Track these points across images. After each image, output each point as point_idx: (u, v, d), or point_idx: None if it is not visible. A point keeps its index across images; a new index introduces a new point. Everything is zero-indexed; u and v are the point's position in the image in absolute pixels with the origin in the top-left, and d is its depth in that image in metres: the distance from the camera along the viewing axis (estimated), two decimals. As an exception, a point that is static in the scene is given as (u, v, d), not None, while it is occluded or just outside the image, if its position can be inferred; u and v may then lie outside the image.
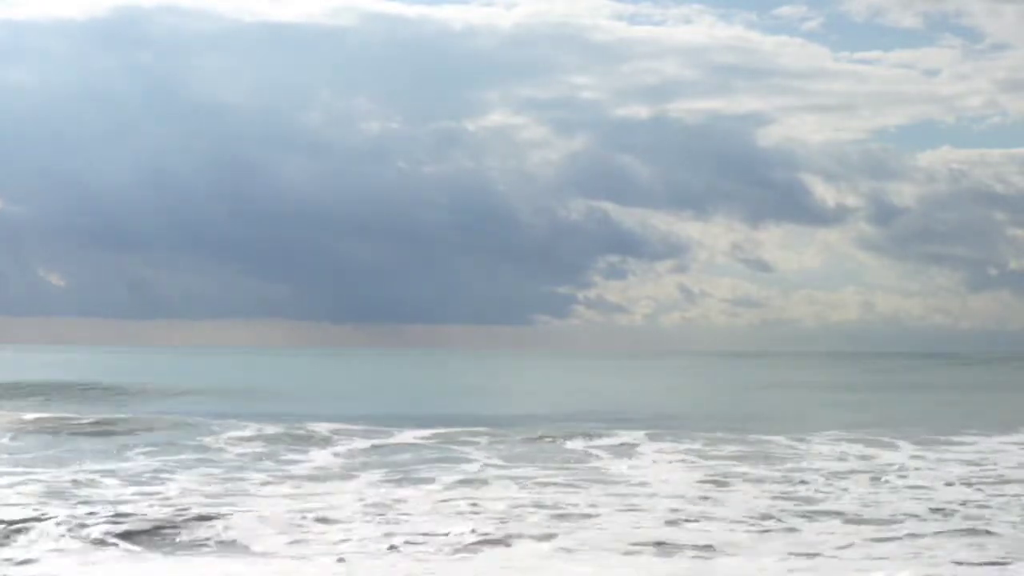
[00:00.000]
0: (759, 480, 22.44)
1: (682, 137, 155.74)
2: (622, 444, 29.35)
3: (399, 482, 21.81)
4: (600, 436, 30.98)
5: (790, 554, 15.27)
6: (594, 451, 27.69)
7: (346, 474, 23.15)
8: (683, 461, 25.62)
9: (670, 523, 17.38)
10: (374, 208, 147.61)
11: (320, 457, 26.02)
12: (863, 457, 26.68)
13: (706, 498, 19.90)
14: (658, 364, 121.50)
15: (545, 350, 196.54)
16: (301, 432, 30.90)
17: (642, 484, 21.59)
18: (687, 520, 17.65)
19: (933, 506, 19.22)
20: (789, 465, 24.81)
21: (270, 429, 31.46)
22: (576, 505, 18.86)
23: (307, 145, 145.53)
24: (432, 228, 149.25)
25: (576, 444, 29.40)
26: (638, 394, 59.80)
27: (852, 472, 23.70)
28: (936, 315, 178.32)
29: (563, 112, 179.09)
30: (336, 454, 26.80)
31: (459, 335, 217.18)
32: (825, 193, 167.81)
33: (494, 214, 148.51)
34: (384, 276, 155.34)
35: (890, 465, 25.00)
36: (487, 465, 24.67)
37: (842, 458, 26.37)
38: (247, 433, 30.79)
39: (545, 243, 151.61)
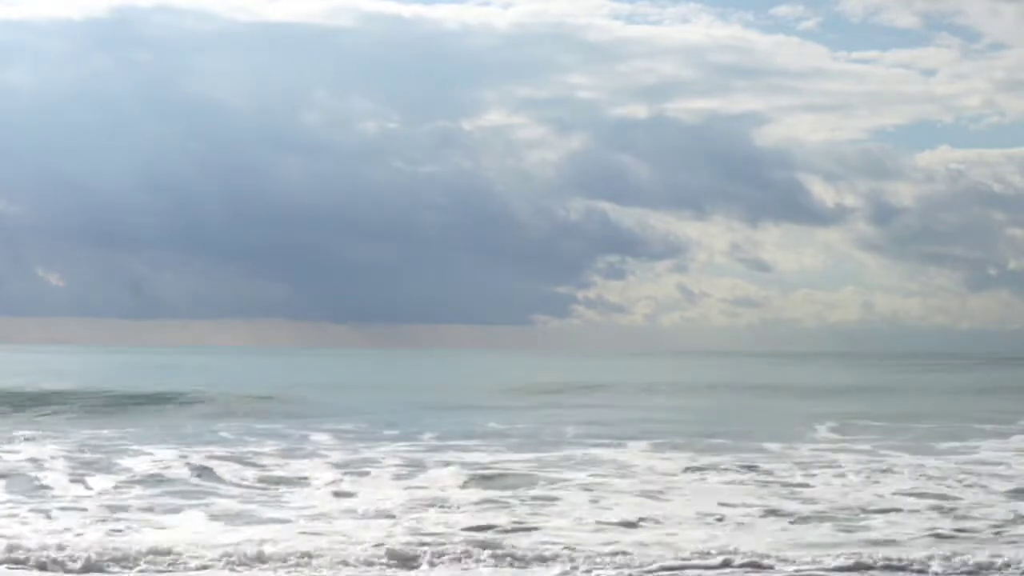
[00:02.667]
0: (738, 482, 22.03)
1: (680, 137, 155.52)
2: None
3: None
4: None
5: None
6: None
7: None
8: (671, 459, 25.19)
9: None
10: (372, 208, 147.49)
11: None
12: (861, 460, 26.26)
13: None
14: (660, 364, 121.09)
15: (545, 350, 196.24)
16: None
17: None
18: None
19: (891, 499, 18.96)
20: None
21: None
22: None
23: (304, 145, 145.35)
24: (431, 228, 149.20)
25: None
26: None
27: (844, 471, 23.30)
28: (936, 315, 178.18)
29: (561, 112, 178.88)
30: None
31: (459, 335, 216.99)
32: (824, 193, 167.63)
33: (493, 214, 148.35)
34: (384, 276, 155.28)
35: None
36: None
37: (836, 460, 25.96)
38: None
39: (544, 243, 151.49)
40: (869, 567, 14.63)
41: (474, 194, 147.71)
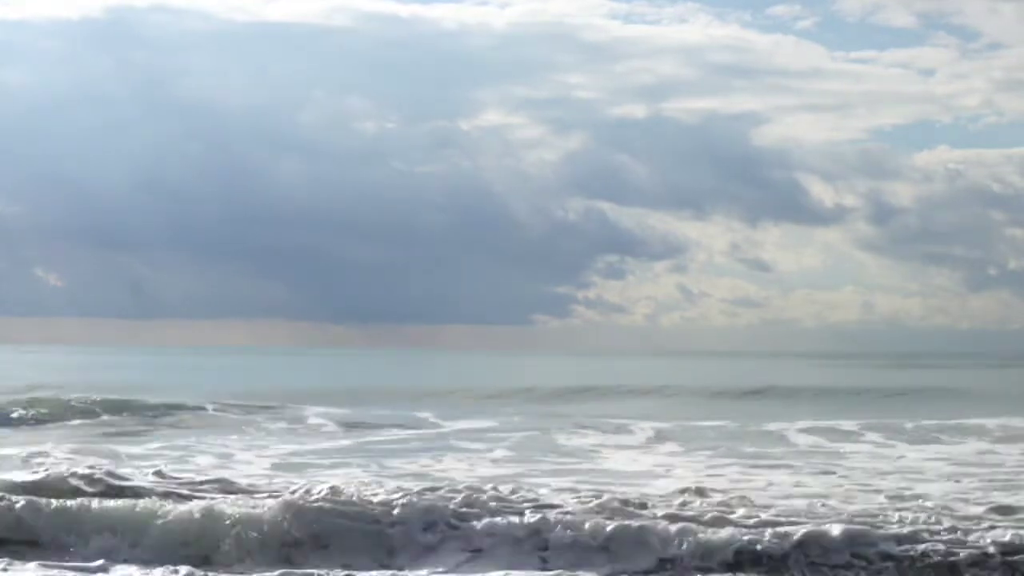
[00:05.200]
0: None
1: (679, 137, 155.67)
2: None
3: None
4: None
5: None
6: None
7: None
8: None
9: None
10: (370, 208, 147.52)
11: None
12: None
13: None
14: (660, 365, 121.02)
15: (545, 350, 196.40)
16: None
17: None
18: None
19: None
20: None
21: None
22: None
23: (302, 145, 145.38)
24: (429, 228, 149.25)
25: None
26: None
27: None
28: (936, 315, 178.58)
29: (559, 111, 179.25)
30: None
31: (458, 335, 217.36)
32: (823, 193, 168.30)
33: (491, 214, 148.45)
34: (383, 276, 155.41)
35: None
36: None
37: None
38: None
39: (543, 243, 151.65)
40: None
41: (473, 194, 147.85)
